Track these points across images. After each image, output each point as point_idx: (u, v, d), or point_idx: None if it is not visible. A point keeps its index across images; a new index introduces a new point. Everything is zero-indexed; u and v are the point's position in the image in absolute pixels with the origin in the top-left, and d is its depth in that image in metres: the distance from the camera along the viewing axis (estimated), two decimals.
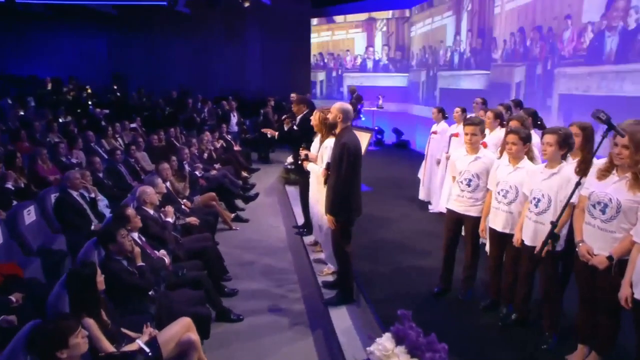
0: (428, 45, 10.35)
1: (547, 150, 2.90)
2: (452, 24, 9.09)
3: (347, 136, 3.74)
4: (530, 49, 6.55)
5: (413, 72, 11.44)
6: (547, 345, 3.05)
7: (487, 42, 7.74)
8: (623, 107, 5.01)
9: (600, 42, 5.34)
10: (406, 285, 4.08)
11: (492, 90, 7.41)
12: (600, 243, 2.64)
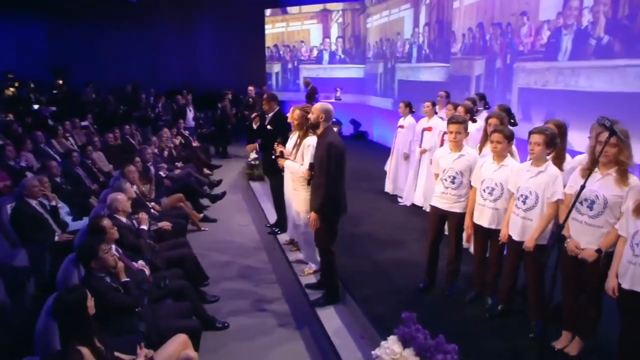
0: (385, 37, 10.45)
1: (535, 149, 3.01)
2: (410, 17, 9.22)
3: (331, 135, 3.72)
4: (489, 43, 6.78)
5: (370, 63, 11.52)
6: (534, 333, 3.20)
7: (446, 36, 7.93)
8: (579, 102, 5.32)
9: (556, 39, 5.61)
10: (389, 281, 4.13)
11: (452, 83, 7.61)
12: (588, 237, 2.79)
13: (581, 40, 5.31)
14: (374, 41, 11.08)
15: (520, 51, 6.19)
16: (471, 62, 7.15)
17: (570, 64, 5.46)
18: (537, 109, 5.92)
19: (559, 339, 3.10)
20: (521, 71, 6.13)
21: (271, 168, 5.22)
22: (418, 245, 4.81)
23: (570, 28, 5.44)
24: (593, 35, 5.14)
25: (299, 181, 4.29)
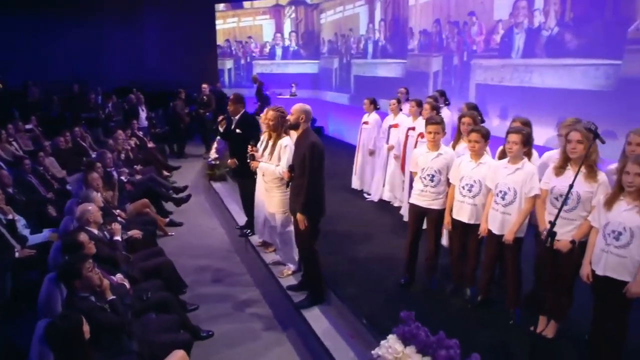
0: (340, 33, 10.52)
1: (512, 148, 3.19)
2: (365, 13, 9.34)
3: (312, 136, 3.74)
4: (446, 40, 7.03)
5: (324, 59, 11.57)
6: (514, 320, 3.41)
7: (402, 32, 8.12)
8: (532, 97, 5.67)
9: (509, 38, 5.93)
10: (371, 278, 4.20)
11: (410, 79, 7.83)
12: (562, 230, 3.00)
13: (532, 39, 5.65)
14: (328, 37, 11.13)
15: (474, 50, 6.48)
16: (428, 59, 7.38)
17: (524, 62, 5.79)
18: (494, 105, 6.24)
19: (537, 324, 3.32)
20: (478, 68, 6.42)
21: (242, 171, 5.14)
22: (392, 240, 4.94)
23: (522, 27, 5.76)
24: (544, 35, 5.48)
25: (274, 182, 4.26)
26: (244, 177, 5.26)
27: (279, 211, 4.32)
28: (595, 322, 2.95)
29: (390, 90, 6.84)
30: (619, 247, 2.66)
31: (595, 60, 4.89)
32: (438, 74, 7.22)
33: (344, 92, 10.62)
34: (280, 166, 4.13)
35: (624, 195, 2.67)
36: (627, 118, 4.35)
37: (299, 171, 3.70)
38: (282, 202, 4.28)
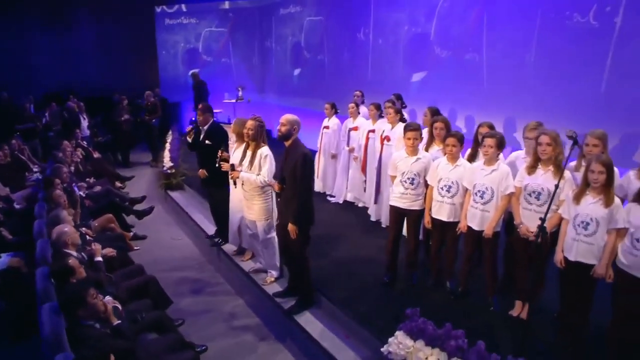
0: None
1: (489, 151, 3.51)
2: None
3: (302, 146, 3.83)
4: None
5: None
6: (493, 307, 3.76)
7: None
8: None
9: None
10: (354, 278, 4.34)
11: None
12: (536, 222, 3.37)
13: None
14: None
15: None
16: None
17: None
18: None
19: (514, 308, 3.69)
20: None
21: (213, 181, 5.10)
22: (366, 241, 5.17)
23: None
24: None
25: (255, 191, 4.28)
26: (214, 187, 5.21)
27: (260, 219, 4.37)
28: (564, 302, 3.35)
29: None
30: (587, 236, 3.05)
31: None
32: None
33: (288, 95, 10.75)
34: (261, 175, 4.16)
35: (589, 190, 3.06)
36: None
37: (291, 181, 3.78)
38: (263, 209, 4.33)
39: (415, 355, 2.78)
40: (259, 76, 11.95)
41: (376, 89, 7.80)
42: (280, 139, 3.89)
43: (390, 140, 5.38)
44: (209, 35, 12.13)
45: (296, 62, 10.50)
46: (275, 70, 11.37)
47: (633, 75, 4.45)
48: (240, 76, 11.83)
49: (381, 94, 7.14)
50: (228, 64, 12.17)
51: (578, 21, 4.82)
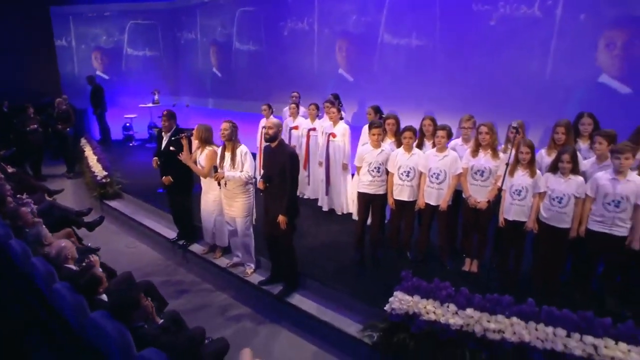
0: None
1: (441, 141, 4.33)
2: None
3: (288, 145, 4.30)
4: None
5: None
6: (448, 267, 4.63)
7: None
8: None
9: None
10: (328, 260, 4.88)
11: None
12: (481, 194, 4.29)
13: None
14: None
15: None
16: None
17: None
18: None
19: (464, 265, 4.60)
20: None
21: (179, 186, 5.25)
22: (325, 228, 5.75)
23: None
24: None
25: (238, 189, 4.63)
26: (178, 192, 5.36)
27: (241, 215, 4.71)
28: (502, 251, 4.34)
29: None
30: (520, 200, 4.03)
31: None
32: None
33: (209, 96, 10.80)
34: (244, 171, 4.52)
35: (519, 166, 4.03)
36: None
37: (279, 178, 4.20)
38: (245, 206, 4.68)
39: (416, 307, 3.47)
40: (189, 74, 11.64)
41: (323, 82, 8.35)
42: (268, 141, 4.28)
43: (336, 136, 6.03)
44: (135, 28, 11.50)
45: (228, 59, 10.42)
46: (202, 69, 11.13)
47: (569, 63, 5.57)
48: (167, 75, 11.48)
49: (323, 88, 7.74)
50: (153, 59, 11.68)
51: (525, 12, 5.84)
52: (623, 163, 3.56)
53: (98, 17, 11.28)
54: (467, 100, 6.38)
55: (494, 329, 3.19)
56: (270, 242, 4.56)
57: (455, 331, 3.29)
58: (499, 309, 3.27)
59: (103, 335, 2.69)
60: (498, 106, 6.05)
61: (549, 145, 4.29)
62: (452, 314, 3.35)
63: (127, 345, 2.61)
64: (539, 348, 3.07)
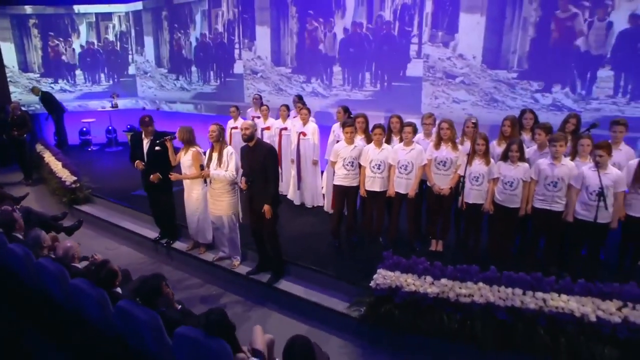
0: None
1: (408, 136, 4.90)
2: None
3: (265, 143, 4.75)
4: None
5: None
6: (417, 248, 5.22)
7: None
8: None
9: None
10: (309, 248, 5.32)
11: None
12: (444, 182, 4.90)
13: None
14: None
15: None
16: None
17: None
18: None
19: (431, 245, 5.21)
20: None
21: (164, 185, 5.49)
22: (299, 220, 6.18)
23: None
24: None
25: (224, 188, 4.96)
26: (160, 191, 5.59)
27: (227, 213, 5.05)
28: (460, 233, 4.99)
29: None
30: (478, 185, 4.68)
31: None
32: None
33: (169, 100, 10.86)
34: (229, 170, 4.86)
35: (476, 156, 4.68)
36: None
37: (261, 174, 4.58)
38: (231, 204, 5.02)
39: (397, 281, 4.00)
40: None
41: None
42: (247, 141, 4.63)
43: (306, 135, 6.48)
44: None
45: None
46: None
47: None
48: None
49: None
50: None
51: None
52: (558, 150, 4.28)
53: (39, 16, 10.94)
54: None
55: (465, 294, 3.79)
56: (257, 236, 4.94)
57: (433, 298, 3.85)
58: (468, 277, 3.88)
59: (133, 320, 2.98)
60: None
61: (498, 138, 4.99)
62: (429, 284, 3.92)
63: (159, 327, 2.92)
64: (502, 306, 3.69)
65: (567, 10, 5.82)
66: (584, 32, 5.75)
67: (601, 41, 5.65)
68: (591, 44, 5.75)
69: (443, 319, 3.82)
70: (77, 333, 3.51)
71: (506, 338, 3.70)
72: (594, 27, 5.69)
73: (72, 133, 10.87)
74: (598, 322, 3.46)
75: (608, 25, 5.59)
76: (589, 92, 5.86)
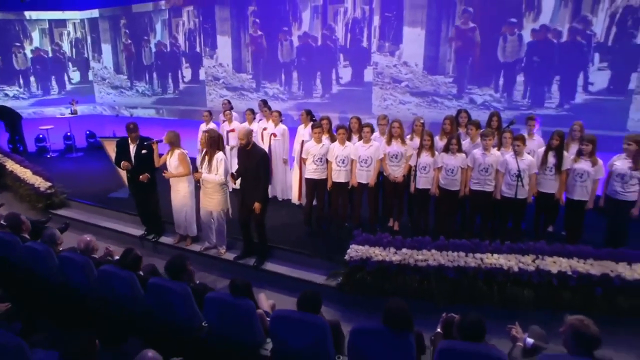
0: None
1: (367, 135, 5.83)
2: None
3: (260, 148, 5.47)
4: None
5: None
6: (378, 229, 6.16)
7: None
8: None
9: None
10: (286, 234, 6.12)
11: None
12: (397, 172, 5.89)
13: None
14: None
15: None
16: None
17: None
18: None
19: (389, 222, 6.20)
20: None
21: (150, 184, 6.06)
22: (274, 212, 6.90)
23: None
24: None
25: (214, 188, 5.62)
26: (150, 190, 6.15)
27: (217, 209, 5.73)
28: (414, 213, 6.03)
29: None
30: (426, 174, 5.71)
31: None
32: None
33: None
34: (219, 175, 5.53)
35: (424, 149, 5.70)
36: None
37: (254, 173, 5.31)
38: (222, 201, 5.70)
39: (367, 253, 4.92)
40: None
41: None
42: (244, 147, 5.34)
43: (277, 136, 7.25)
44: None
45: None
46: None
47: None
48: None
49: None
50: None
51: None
52: (487, 143, 5.39)
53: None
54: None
55: (421, 259, 4.77)
56: (244, 225, 5.67)
57: (397, 265, 4.81)
58: (423, 246, 4.88)
59: (166, 293, 3.65)
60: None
61: (440, 133, 6.05)
62: (393, 253, 4.87)
63: (189, 296, 3.62)
64: (450, 267, 4.71)
65: (466, 24, 7.03)
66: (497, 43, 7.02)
67: (515, 52, 6.92)
68: (507, 54, 7.00)
69: (405, 280, 4.79)
70: (107, 316, 4.08)
71: (455, 292, 4.72)
72: (508, 40, 6.94)
73: (27, 140, 10.84)
74: (519, 271, 4.58)
75: (519, 38, 6.86)
76: (510, 94, 7.12)
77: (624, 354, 4.05)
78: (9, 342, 2.90)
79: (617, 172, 5.01)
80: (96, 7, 10.70)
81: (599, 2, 6.26)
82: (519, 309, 4.50)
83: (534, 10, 6.67)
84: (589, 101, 6.75)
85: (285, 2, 8.42)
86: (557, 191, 5.43)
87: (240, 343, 3.43)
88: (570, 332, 2.66)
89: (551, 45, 6.67)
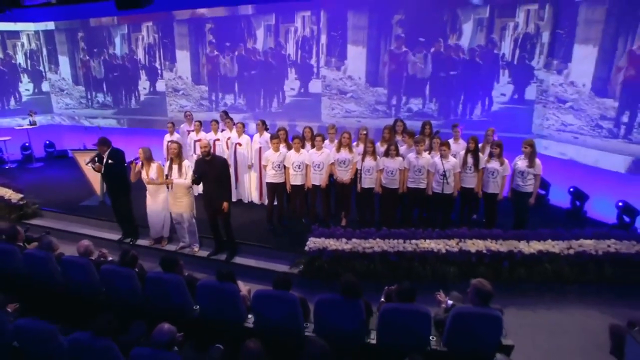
0: None
1: (319, 143, 6.78)
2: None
3: (220, 156, 6.30)
4: None
5: None
6: (331, 224, 7.18)
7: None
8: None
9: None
10: (251, 232, 6.98)
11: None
12: (345, 175, 6.89)
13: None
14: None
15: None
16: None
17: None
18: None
19: (341, 221, 7.22)
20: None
21: (122, 190, 6.72)
22: (240, 213, 7.75)
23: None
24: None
25: (183, 192, 6.39)
26: (123, 195, 6.79)
27: (187, 211, 6.49)
28: (361, 210, 7.08)
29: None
30: (370, 175, 6.75)
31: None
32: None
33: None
34: (187, 179, 6.30)
35: (367, 155, 6.73)
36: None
37: (217, 180, 6.10)
38: (190, 204, 6.47)
39: (324, 244, 5.88)
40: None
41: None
42: (206, 156, 6.13)
43: (242, 145, 8.06)
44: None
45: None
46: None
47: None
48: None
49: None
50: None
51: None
52: (420, 148, 6.51)
53: None
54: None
55: (368, 247, 5.80)
56: (214, 224, 6.47)
57: (348, 252, 5.81)
58: (369, 236, 5.92)
59: (163, 284, 4.43)
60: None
61: (381, 140, 7.13)
62: (344, 243, 5.87)
63: (182, 284, 4.43)
64: (392, 252, 5.78)
65: (399, 48, 8.21)
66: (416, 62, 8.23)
67: (442, 68, 8.15)
68: (435, 70, 8.23)
69: (355, 265, 5.80)
70: (110, 309, 4.77)
71: (395, 272, 5.79)
72: (417, 57, 8.17)
73: None
74: (446, 253, 5.72)
75: (425, 57, 8.09)
76: (441, 103, 8.34)
77: (516, 311, 5.29)
78: (43, 328, 3.62)
79: (518, 169, 6.30)
80: (51, 20, 10.90)
81: (505, 28, 7.59)
82: (446, 282, 5.65)
83: (457, 32, 7.89)
84: (502, 109, 8.09)
85: (240, 20, 9.20)
86: (475, 186, 6.66)
87: (228, 320, 4.29)
88: (472, 290, 3.73)
89: (471, 62, 7.94)
